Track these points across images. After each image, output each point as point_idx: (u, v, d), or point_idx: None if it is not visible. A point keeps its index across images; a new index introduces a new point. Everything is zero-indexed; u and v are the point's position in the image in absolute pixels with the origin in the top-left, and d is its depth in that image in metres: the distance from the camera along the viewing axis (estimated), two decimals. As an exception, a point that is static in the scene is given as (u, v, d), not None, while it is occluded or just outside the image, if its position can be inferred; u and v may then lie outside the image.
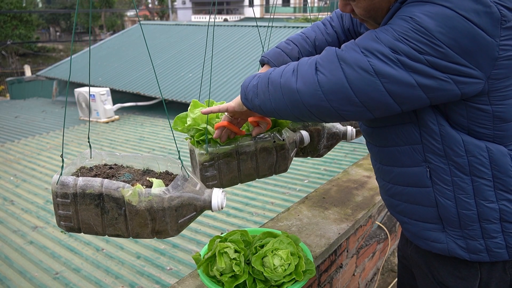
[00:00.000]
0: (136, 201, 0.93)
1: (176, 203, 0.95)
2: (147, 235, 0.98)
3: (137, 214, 0.95)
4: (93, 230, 1.00)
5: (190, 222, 1.01)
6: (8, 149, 5.44)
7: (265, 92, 1.01)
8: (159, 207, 0.94)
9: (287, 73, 0.97)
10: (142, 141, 5.60)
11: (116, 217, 0.96)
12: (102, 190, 0.95)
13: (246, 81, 1.09)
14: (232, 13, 39.20)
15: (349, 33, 1.29)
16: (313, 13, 2.49)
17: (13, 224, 3.27)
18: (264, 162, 1.28)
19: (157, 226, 0.96)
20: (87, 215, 0.97)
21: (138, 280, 2.43)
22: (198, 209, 1.00)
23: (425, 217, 1.05)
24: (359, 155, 4.39)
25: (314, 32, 1.29)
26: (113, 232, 0.99)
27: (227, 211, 3.21)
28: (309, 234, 1.61)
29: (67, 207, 0.97)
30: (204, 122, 1.21)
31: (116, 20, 37.07)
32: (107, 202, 0.95)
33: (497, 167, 0.93)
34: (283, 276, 1.10)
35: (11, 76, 16.37)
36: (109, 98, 7.12)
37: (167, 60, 8.62)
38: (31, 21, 27.15)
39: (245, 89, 1.08)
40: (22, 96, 10.72)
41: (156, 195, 0.94)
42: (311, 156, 1.53)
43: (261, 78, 1.04)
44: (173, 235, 1.00)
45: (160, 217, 0.95)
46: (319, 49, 1.26)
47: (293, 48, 1.25)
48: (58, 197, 0.96)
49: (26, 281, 2.50)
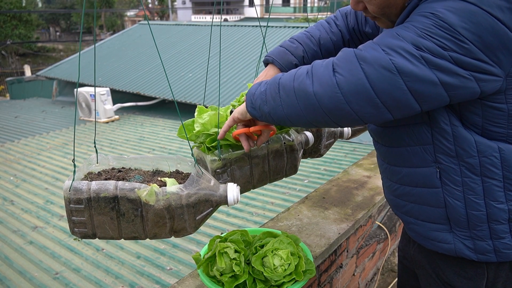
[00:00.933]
0: (153, 201, 0.93)
1: (194, 200, 0.96)
2: (165, 234, 0.98)
3: (155, 214, 0.94)
4: (108, 235, 0.98)
5: (207, 218, 1.02)
6: (8, 149, 5.44)
7: (275, 98, 0.97)
8: (177, 205, 0.94)
9: (300, 76, 0.93)
10: (142, 141, 5.60)
11: (132, 219, 0.96)
12: (117, 193, 0.94)
13: (252, 89, 1.04)
14: (232, 13, 39.19)
15: (353, 33, 1.28)
16: (313, 13, 2.50)
17: (13, 224, 3.27)
18: (276, 164, 1.26)
19: (176, 224, 0.96)
20: (103, 220, 0.96)
21: (138, 280, 2.43)
22: (215, 204, 1.01)
23: (433, 217, 1.04)
24: (359, 155, 4.39)
25: (319, 31, 1.27)
26: (130, 235, 0.98)
27: (227, 211, 3.21)
28: (309, 234, 1.61)
29: (81, 213, 0.95)
30: (213, 127, 1.17)
31: (116, 20, 37.06)
32: (122, 204, 0.94)
33: (508, 168, 0.92)
34: (283, 276, 1.10)
35: (11, 76, 16.37)
36: (109, 98, 7.12)
37: (167, 60, 8.62)
38: (31, 21, 27.16)
39: (252, 97, 1.03)
40: (22, 96, 10.72)
41: (173, 193, 0.94)
42: (311, 157, 1.52)
43: (270, 84, 1.00)
44: (191, 233, 1.00)
45: (179, 214, 0.95)
46: (324, 48, 1.25)
47: (298, 46, 1.22)
48: (72, 203, 0.95)
49: (26, 281, 2.50)
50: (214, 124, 1.17)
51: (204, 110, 1.21)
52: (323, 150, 1.51)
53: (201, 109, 1.22)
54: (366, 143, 4.78)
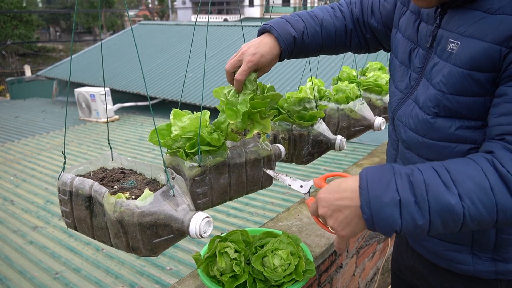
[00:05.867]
0: (111, 210, 0.89)
1: (149, 220, 0.86)
2: (125, 248, 0.92)
3: (112, 224, 0.90)
4: (85, 231, 1.00)
5: (168, 245, 0.92)
6: (8, 149, 5.44)
7: (449, 225, 0.74)
8: (129, 221, 0.87)
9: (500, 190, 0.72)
10: (142, 141, 5.60)
11: (101, 222, 0.95)
12: (91, 193, 0.94)
13: (382, 207, 0.74)
14: (232, 13, 39.19)
15: (357, 23, 1.21)
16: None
17: (13, 224, 3.27)
18: (253, 174, 1.24)
19: (130, 241, 0.90)
20: (80, 215, 0.98)
21: (138, 280, 2.43)
22: (176, 232, 0.89)
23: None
24: (359, 155, 4.39)
25: (322, 13, 1.20)
26: (100, 238, 0.98)
27: (227, 211, 3.21)
28: (309, 234, 1.61)
29: (66, 204, 1.00)
30: (193, 131, 1.09)
31: (116, 20, 37.06)
32: (95, 205, 0.94)
33: None
34: (283, 276, 1.10)
35: (11, 76, 16.38)
36: (109, 98, 7.12)
37: (167, 60, 8.62)
38: (31, 21, 27.17)
39: (389, 218, 0.74)
40: (22, 96, 10.72)
41: (127, 208, 0.87)
42: (295, 162, 1.47)
43: (436, 212, 0.73)
44: (147, 255, 0.92)
45: (131, 232, 0.88)
46: (325, 31, 1.17)
47: (299, 20, 1.14)
48: (60, 193, 1.00)
49: (26, 281, 2.50)
50: (194, 128, 1.09)
51: (180, 114, 1.14)
52: (307, 158, 1.44)
53: (177, 113, 1.13)
54: (366, 143, 4.78)
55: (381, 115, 1.79)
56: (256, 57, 1.05)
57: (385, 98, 1.85)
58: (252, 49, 1.06)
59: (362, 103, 1.68)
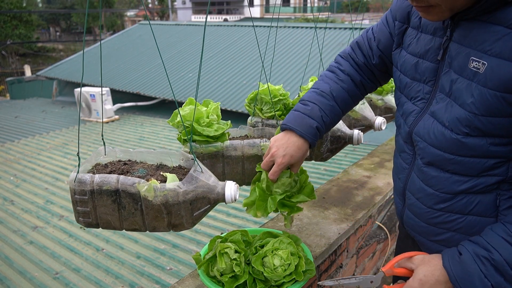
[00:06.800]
0: (151, 196, 0.95)
1: (191, 197, 0.97)
2: (164, 228, 1.00)
3: (153, 209, 0.97)
4: (111, 225, 1.02)
5: (204, 215, 1.03)
6: (8, 149, 5.44)
7: None
8: (174, 201, 0.96)
9: None
10: (142, 141, 5.60)
11: (133, 212, 0.98)
12: (118, 186, 0.97)
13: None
14: (232, 13, 39.19)
15: (365, 68, 1.23)
16: (313, 13, 2.51)
17: (13, 224, 3.27)
18: (252, 168, 1.25)
19: (173, 219, 0.98)
20: (105, 211, 0.99)
21: (138, 280, 2.43)
22: (212, 202, 1.02)
23: None
24: (359, 155, 4.39)
25: (327, 84, 1.20)
26: (130, 227, 1.01)
27: (227, 211, 3.21)
28: (309, 234, 1.61)
29: (85, 204, 0.99)
30: (190, 120, 1.19)
31: (116, 20, 37.06)
32: (123, 197, 0.97)
33: None
34: (283, 276, 1.10)
35: (11, 76, 16.37)
36: (109, 98, 7.12)
37: (167, 60, 8.62)
38: (31, 21, 27.16)
39: None
40: (22, 96, 10.72)
41: (171, 190, 0.96)
42: (314, 159, 1.50)
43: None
44: (188, 228, 1.02)
45: (176, 211, 0.97)
46: (339, 100, 1.19)
47: (312, 107, 1.15)
48: (76, 194, 0.99)
49: (26, 281, 2.50)
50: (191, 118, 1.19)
51: (193, 102, 1.24)
52: (327, 154, 1.47)
53: (191, 101, 1.25)
54: (366, 143, 4.78)
55: (382, 115, 1.79)
56: (286, 158, 1.11)
57: (386, 98, 1.85)
58: (282, 150, 1.11)
59: (363, 103, 1.68)
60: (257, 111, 1.52)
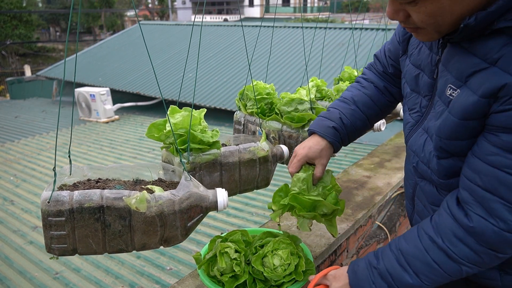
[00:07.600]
0: (144, 208, 0.88)
1: (186, 205, 0.94)
2: (155, 244, 0.95)
3: (145, 222, 0.90)
4: (91, 249, 0.91)
5: (197, 225, 1.00)
6: (8, 149, 5.44)
7: None
8: (170, 211, 0.91)
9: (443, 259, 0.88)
10: (142, 141, 5.60)
11: (119, 229, 0.90)
12: (102, 202, 0.87)
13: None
14: (232, 13, 39.20)
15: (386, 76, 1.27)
16: (313, 13, 2.48)
17: (13, 224, 3.27)
18: (247, 174, 1.23)
19: (167, 232, 0.93)
20: (85, 233, 0.88)
21: (138, 280, 2.43)
22: (204, 210, 0.99)
23: None
24: (359, 155, 4.39)
25: (350, 92, 1.27)
26: (115, 248, 0.93)
27: (227, 211, 3.21)
28: (309, 234, 1.61)
29: (61, 227, 0.87)
30: (185, 128, 1.11)
31: (116, 20, 37.05)
32: (108, 214, 0.88)
33: None
34: (283, 276, 1.10)
35: (11, 76, 16.37)
36: (109, 98, 7.12)
37: (167, 60, 8.62)
38: (31, 21, 27.15)
39: None
40: (22, 96, 10.73)
41: (167, 199, 0.91)
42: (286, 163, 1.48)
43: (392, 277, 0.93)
44: (181, 241, 0.97)
45: (171, 221, 0.92)
46: (360, 104, 1.23)
47: (333, 111, 1.22)
48: (51, 216, 0.86)
49: (26, 281, 2.50)
50: (186, 125, 1.11)
51: (176, 110, 1.16)
52: None
53: (174, 109, 1.16)
54: (366, 143, 4.78)
55: (381, 115, 1.78)
56: (305, 150, 1.17)
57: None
58: (301, 145, 1.20)
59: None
60: (241, 107, 1.52)
